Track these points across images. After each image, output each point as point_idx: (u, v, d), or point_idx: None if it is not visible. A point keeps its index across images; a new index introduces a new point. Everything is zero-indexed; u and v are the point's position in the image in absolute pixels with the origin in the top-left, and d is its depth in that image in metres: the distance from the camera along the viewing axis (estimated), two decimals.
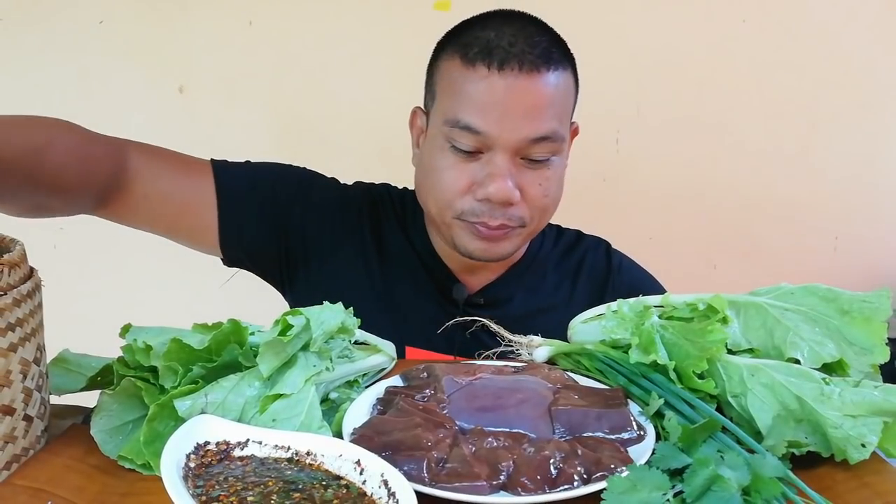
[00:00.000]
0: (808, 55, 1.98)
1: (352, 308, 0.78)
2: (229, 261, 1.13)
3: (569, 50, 1.00)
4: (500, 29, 0.95)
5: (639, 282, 1.18)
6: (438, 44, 1.02)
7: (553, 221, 1.24)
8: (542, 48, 0.94)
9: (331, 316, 0.74)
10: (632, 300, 0.83)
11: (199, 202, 1.06)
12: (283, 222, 1.10)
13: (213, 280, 1.97)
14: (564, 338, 0.90)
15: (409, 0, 1.91)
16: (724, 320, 0.76)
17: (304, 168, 1.17)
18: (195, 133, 1.95)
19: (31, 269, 0.66)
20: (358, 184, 1.20)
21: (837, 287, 0.77)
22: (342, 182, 1.19)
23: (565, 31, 0.98)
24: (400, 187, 1.21)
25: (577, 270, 1.17)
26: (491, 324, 0.90)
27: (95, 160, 0.94)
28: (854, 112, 2.02)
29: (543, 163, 0.97)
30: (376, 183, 1.21)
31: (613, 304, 0.84)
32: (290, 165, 1.16)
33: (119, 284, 1.97)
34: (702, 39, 1.96)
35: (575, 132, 1.08)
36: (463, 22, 1.00)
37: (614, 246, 1.25)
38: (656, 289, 1.18)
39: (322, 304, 0.74)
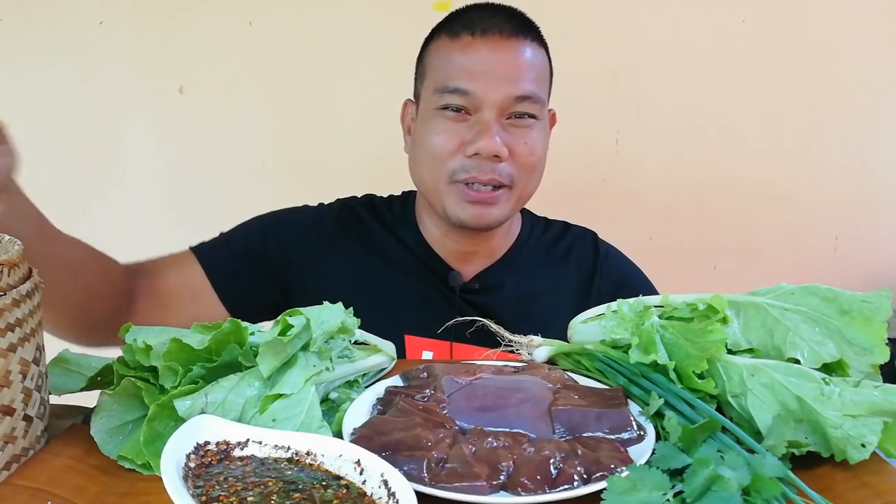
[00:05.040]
0: (808, 55, 1.98)
1: (352, 308, 0.78)
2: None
3: (543, 38, 1.09)
4: (481, 10, 1.07)
5: (627, 269, 1.24)
6: (426, 39, 1.12)
7: (550, 217, 1.26)
8: (519, 21, 1.07)
9: (331, 316, 0.74)
10: (632, 300, 0.83)
11: (196, 289, 1.12)
12: (266, 266, 1.16)
13: None
14: (557, 321, 0.91)
15: (408, 0, 1.91)
16: (724, 320, 0.76)
17: (271, 211, 1.23)
18: (195, 133, 1.95)
19: (30, 270, 0.66)
20: (336, 200, 1.24)
21: (837, 287, 0.77)
22: (321, 202, 1.24)
23: (566, 30, 1.00)
24: (385, 196, 1.26)
25: (566, 257, 1.21)
26: (491, 324, 0.91)
27: (124, 290, 1.05)
28: (854, 112, 2.02)
29: (527, 123, 1.05)
30: (358, 195, 1.25)
31: (613, 304, 0.84)
32: (256, 216, 1.22)
33: None
34: (702, 39, 1.96)
35: (553, 120, 1.15)
36: (447, 16, 1.10)
37: (615, 246, 1.26)
38: (642, 278, 1.23)
39: None
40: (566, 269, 1.20)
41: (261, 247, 1.16)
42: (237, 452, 0.61)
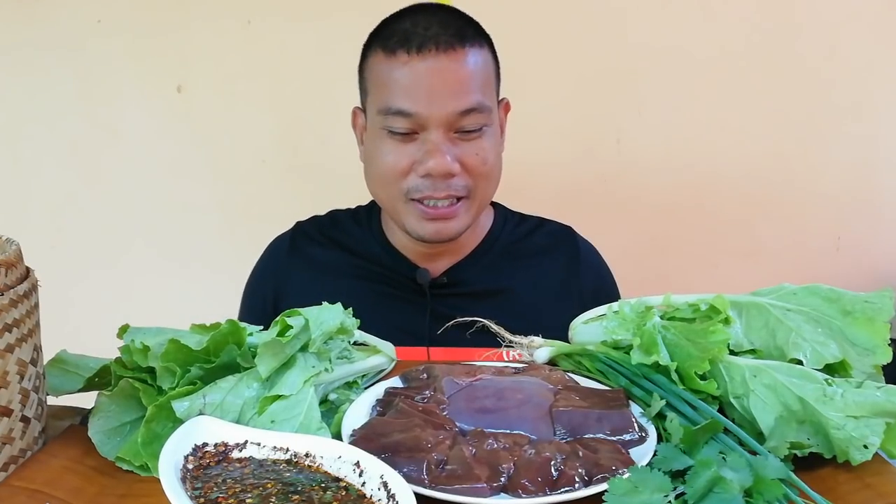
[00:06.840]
0: (808, 55, 1.98)
1: (351, 309, 0.78)
2: None
3: (483, 30, 1.06)
4: (415, 18, 1.02)
5: (603, 269, 1.24)
6: (364, 45, 1.08)
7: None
8: (456, 28, 1.01)
9: (330, 316, 0.73)
10: (633, 300, 0.83)
11: None
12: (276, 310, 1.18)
13: (212, 280, 1.97)
14: (528, 317, 0.91)
15: (407, 0, 1.90)
16: (727, 321, 0.76)
17: (251, 272, 1.25)
18: (194, 133, 1.95)
19: (28, 270, 0.65)
20: (295, 224, 1.25)
21: (840, 287, 0.77)
22: (278, 235, 1.25)
23: (566, 31, 0.98)
24: (353, 207, 1.26)
25: (542, 252, 1.20)
26: (491, 324, 0.90)
27: None
28: (855, 112, 2.02)
29: (476, 134, 1.03)
30: (320, 214, 1.26)
31: (615, 305, 0.84)
32: (245, 284, 1.25)
33: (117, 285, 1.96)
34: (702, 39, 1.96)
35: (507, 108, 1.14)
36: (382, 21, 1.07)
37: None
38: (613, 281, 1.24)
39: None
40: (543, 263, 1.19)
41: (271, 298, 1.19)
42: (235, 454, 0.61)
